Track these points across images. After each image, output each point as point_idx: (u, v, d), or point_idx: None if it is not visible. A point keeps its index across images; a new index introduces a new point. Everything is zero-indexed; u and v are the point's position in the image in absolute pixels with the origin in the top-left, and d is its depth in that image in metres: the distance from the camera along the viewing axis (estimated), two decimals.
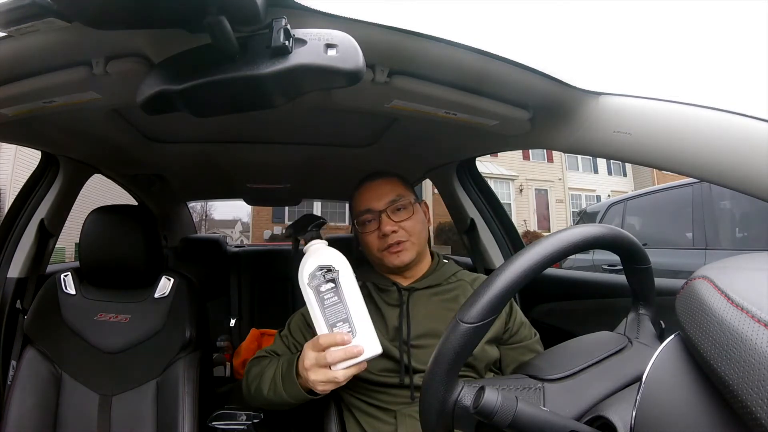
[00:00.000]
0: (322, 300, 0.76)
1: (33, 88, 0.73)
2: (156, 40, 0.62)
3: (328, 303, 0.76)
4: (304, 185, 2.03)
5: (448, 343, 0.46)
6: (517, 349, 0.94)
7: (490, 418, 0.43)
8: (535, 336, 0.97)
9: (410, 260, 0.95)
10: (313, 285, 0.76)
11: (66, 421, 1.07)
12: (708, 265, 0.43)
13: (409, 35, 0.65)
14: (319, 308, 0.76)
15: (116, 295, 1.18)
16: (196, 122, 1.05)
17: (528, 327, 0.98)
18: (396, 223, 0.94)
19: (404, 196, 0.96)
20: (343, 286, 0.77)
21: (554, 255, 0.48)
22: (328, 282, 0.76)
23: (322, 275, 0.76)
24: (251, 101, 0.56)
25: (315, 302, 0.76)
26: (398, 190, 0.97)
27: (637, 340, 0.57)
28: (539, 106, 0.89)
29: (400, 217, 0.94)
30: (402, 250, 0.94)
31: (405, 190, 0.99)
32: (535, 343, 0.96)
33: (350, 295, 0.77)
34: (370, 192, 0.97)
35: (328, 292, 0.76)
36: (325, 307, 0.76)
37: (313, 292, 0.76)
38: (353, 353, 0.74)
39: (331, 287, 0.76)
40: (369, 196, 0.97)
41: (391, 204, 0.95)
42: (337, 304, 0.76)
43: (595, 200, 14.10)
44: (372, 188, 0.98)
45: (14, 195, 1.35)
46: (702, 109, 0.68)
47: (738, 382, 0.31)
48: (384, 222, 0.94)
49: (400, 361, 0.88)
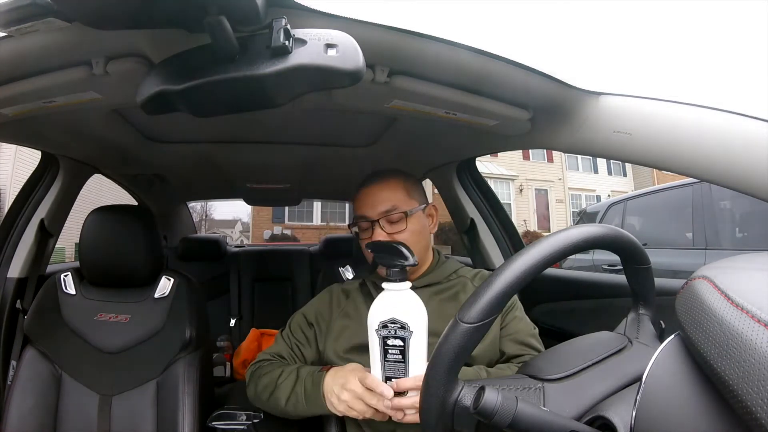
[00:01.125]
0: (386, 352, 0.74)
1: (33, 88, 0.73)
2: (156, 40, 0.62)
3: (390, 358, 0.74)
4: (304, 185, 2.04)
5: (448, 343, 0.46)
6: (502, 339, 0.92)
7: (490, 418, 0.43)
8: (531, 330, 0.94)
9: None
10: (381, 334, 0.73)
11: (66, 421, 1.07)
12: (708, 265, 0.43)
13: (409, 35, 0.65)
14: (380, 357, 0.74)
15: (116, 295, 1.18)
16: (196, 122, 1.05)
17: (521, 321, 0.94)
18: (389, 234, 0.91)
19: (399, 207, 0.92)
20: (411, 349, 0.73)
21: (554, 255, 0.48)
22: (397, 338, 0.73)
23: (394, 329, 0.73)
24: (251, 101, 0.56)
25: (378, 350, 0.74)
26: (395, 199, 0.93)
27: (637, 340, 0.57)
28: (539, 106, 0.89)
29: (394, 229, 0.91)
30: None
31: (404, 197, 0.94)
32: (528, 336, 0.92)
33: (414, 360, 0.74)
34: (367, 198, 0.94)
35: (394, 348, 0.73)
36: (387, 360, 0.74)
37: (379, 340, 0.74)
38: (390, 414, 0.74)
39: (399, 345, 0.73)
40: (365, 203, 0.94)
41: (384, 215, 0.92)
42: (399, 363, 0.74)
43: (595, 200, 14.09)
44: (369, 194, 0.95)
45: (14, 195, 1.36)
46: (702, 109, 0.68)
47: (738, 382, 0.31)
48: (377, 232, 0.91)
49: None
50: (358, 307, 0.97)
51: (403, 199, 0.94)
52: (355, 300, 0.98)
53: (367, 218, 0.93)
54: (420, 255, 0.94)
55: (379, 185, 0.95)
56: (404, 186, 0.95)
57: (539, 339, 0.94)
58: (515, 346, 0.90)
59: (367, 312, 0.95)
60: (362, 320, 0.94)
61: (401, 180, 0.96)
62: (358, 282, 1.02)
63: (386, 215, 0.92)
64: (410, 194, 0.95)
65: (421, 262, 0.98)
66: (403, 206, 0.93)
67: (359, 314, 0.95)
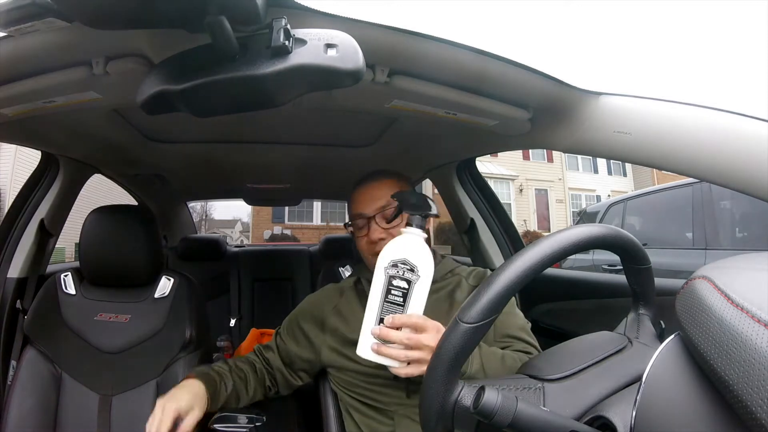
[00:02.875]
0: (388, 291, 0.73)
1: (33, 88, 0.73)
2: (156, 40, 0.62)
3: (391, 299, 0.73)
4: (304, 185, 2.04)
5: (448, 343, 0.46)
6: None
7: (490, 418, 0.43)
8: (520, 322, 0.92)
9: None
10: (389, 273, 0.73)
11: (66, 421, 1.07)
12: (708, 265, 0.43)
13: (409, 35, 0.65)
14: (381, 296, 0.73)
15: (116, 295, 1.18)
16: (196, 122, 1.05)
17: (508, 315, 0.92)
18: (385, 230, 0.92)
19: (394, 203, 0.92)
20: (413, 294, 0.73)
21: (554, 255, 0.47)
22: (403, 280, 0.73)
23: (403, 270, 0.72)
24: (251, 101, 0.56)
25: (381, 288, 0.73)
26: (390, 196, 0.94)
27: (637, 340, 0.57)
28: (539, 106, 0.89)
29: (390, 225, 0.92)
30: None
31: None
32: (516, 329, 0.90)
33: (413, 307, 0.74)
34: (362, 196, 0.96)
35: (397, 290, 0.73)
36: (386, 301, 0.73)
37: (385, 279, 0.73)
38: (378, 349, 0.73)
39: (403, 288, 0.73)
40: (361, 200, 0.96)
41: (380, 210, 0.93)
42: (398, 306, 0.73)
43: (595, 200, 14.10)
44: (364, 192, 0.96)
45: (14, 195, 1.35)
46: (702, 109, 0.68)
47: (738, 382, 0.31)
48: (373, 229, 0.92)
49: None
50: (351, 305, 0.97)
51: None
52: (349, 298, 0.99)
53: (364, 215, 0.94)
54: None
55: (374, 184, 0.97)
56: (398, 186, 0.97)
57: (530, 332, 0.92)
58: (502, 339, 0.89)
59: (361, 309, 0.95)
60: (356, 317, 0.94)
61: (395, 180, 0.98)
62: (353, 280, 1.03)
63: (382, 211, 0.93)
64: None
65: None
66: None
67: (353, 311, 0.96)
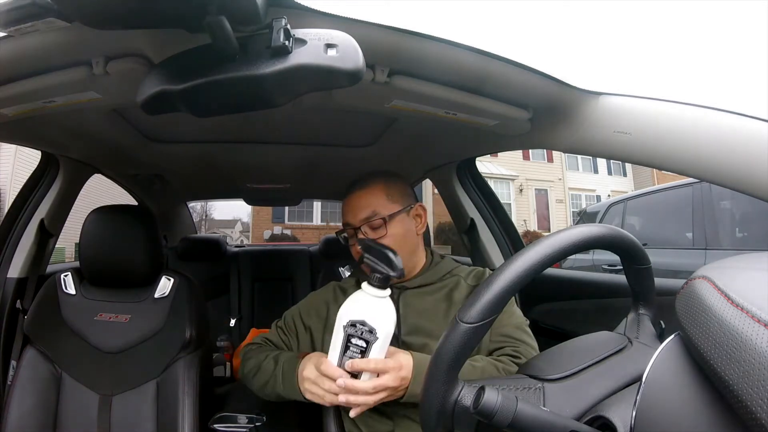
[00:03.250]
0: (346, 348, 0.76)
1: (33, 88, 0.73)
2: (156, 40, 0.62)
3: (350, 355, 0.76)
4: (304, 185, 2.04)
5: (448, 343, 0.46)
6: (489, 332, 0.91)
7: (490, 418, 0.43)
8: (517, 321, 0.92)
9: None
10: (347, 332, 0.76)
11: (66, 421, 1.07)
12: (708, 265, 0.43)
13: (409, 35, 0.65)
14: (340, 350, 0.76)
15: (116, 295, 1.18)
16: (196, 122, 1.05)
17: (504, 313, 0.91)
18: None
19: (379, 213, 0.92)
20: (371, 353, 0.76)
21: (554, 255, 0.47)
22: (361, 339, 0.75)
23: (361, 331, 0.75)
24: (251, 101, 0.56)
25: (339, 344, 0.76)
26: (375, 205, 0.93)
27: (637, 340, 0.57)
28: (539, 106, 0.89)
29: (376, 234, 0.92)
30: None
31: (385, 202, 0.94)
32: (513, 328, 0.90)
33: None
34: (348, 205, 0.96)
35: (355, 347, 0.76)
36: (345, 355, 0.76)
37: (343, 336, 0.76)
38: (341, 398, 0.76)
39: (361, 346, 0.75)
40: (347, 210, 0.96)
41: (365, 221, 0.92)
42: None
43: (595, 200, 14.10)
44: (351, 201, 0.96)
45: (14, 195, 1.35)
46: (702, 109, 0.68)
47: (738, 382, 0.31)
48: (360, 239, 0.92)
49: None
50: None
51: (384, 204, 0.93)
52: None
53: (351, 225, 0.95)
54: (405, 257, 0.93)
55: (359, 192, 0.95)
56: (385, 190, 0.95)
57: (528, 331, 0.92)
58: (497, 338, 0.89)
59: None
60: None
61: (381, 184, 0.96)
62: (354, 280, 1.03)
63: (368, 221, 0.92)
64: (391, 198, 0.95)
65: (409, 265, 0.96)
66: (384, 211, 0.93)
67: None
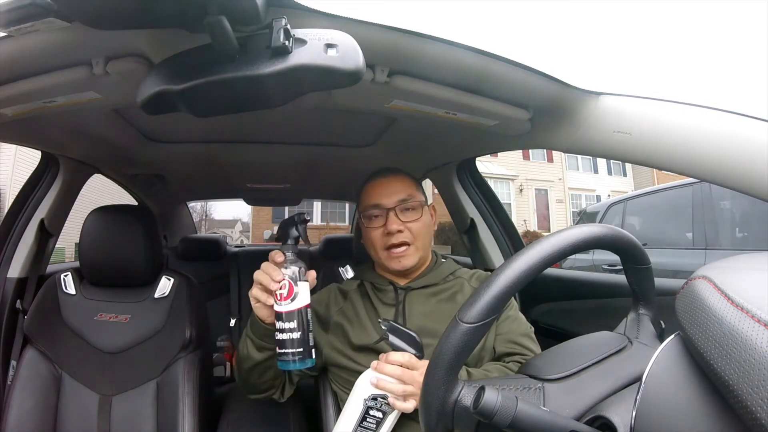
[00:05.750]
0: (363, 419, 0.79)
1: (33, 88, 0.73)
2: (156, 40, 0.62)
3: (365, 425, 0.79)
4: (304, 185, 2.04)
5: (448, 343, 0.46)
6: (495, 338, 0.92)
7: (490, 418, 0.43)
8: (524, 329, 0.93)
9: (412, 265, 0.94)
10: (368, 404, 0.78)
11: (66, 421, 1.07)
12: (708, 265, 0.43)
13: (409, 35, 0.65)
14: (357, 421, 0.79)
15: (116, 295, 1.18)
16: (196, 122, 1.05)
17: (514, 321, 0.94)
18: (403, 222, 0.93)
19: (414, 197, 0.95)
20: (387, 422, 0.78)
21: (554, 255, 0.47)
22: (380, 411, 0.78)
23: (381, 404, 0.78)
24: (251, 101, 0.56)
25: (357, 415, 0.79)
26: (409, 190, 0.96)
27: (637, 340, 0.57)
28: (539, 106, 0.89)
29: (408, 218, 0.93)
30: (404, 255, 0.93)
31: (416, 191, 0.97)
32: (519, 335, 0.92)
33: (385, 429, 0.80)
34: (381, 188, 0.96)
35: (372, 418, 0.79)
36: (361, 426, 0.79)
37: (363, 407, 0.79)
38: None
39: (378, 417, 0.78)
40: (379, 192, 0.96)
41: (401, 203, 0.93)
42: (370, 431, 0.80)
43: (595, 200, 14.10)
44: (383, 184, 0.96)
45: (14, 195, 1.35)
46: (702, 109, 0.68)
47: (738, 382, 0.31)
48: (391, 220, 0.92)
49: None
50: (356, 308, 0.97)
51: (416, 192, 0.97)
52: (354, 301, 0.99)
53: (383, 206, 0.94)
54: (425, 251, 0.97)
55: (393, 177, 0.98)
56: (414, 182, 0.99)
57: (534, 339, 0.94)
58: (506, 344, 0.91)
59: (365, 313, 0.95)
60: (361, 321, 0.94)
61: (410, 177, 1.00)
62: (356, 282, 1.03)
63: (403, 203, 0.94)
64: (419, 189, 0.99)
65: (424, 260, 0.99)
66: (419, 197, 0.96)
67: (357, 315, 0.96)
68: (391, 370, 0.77)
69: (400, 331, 0.81)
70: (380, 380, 0.77)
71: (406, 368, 0.77)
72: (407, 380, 0.76)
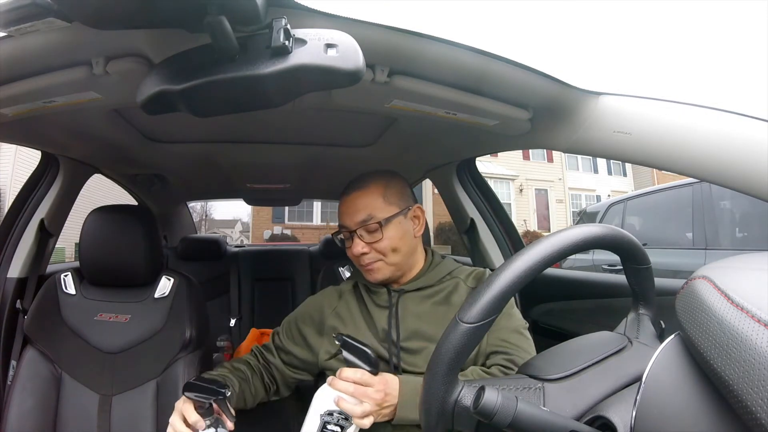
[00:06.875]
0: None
1: (33, 88, 0.73)
2: (156, 40, 0.62)
3: None
4: (304, 185, 2.04)
5: (448, 343, 0.46)
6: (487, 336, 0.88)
7: (490, 418, 0.43)
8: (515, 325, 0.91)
9: (384, 278, 0.93)
10: (323, 419, 0.77)
11: (66, 421, 1.07)
12: (708, 265, 0.43)
13: (409, 35, 0.65)
14: None
15: (116, 295, 1.18)
16: (196, 122, 1.05)
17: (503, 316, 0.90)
18: (367, 244, 0.90)
19: (375, 216, 0.90)
20: None
21: (554, 255, 0.47)
22: (337, 426, 0.77)
23: (338, 418, 0.77)
24: (251, 101, 0.56)
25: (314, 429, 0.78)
26: (371, 208, 0.91)
27: (637, 340, 0.57)
28: (539, 106, 0.89)
29: (372, 239, 0.90)
30: (375, 270, 0.92)
31: (382, 204, 0.91)
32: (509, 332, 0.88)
33: None
34: (345, 207, 0.94)
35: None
36: None
37: (319, 422, 0.78)
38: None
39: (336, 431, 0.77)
40: (344, 212, 0.94)
41: (361, 224, 0.90)
42: None
43: (595, 200, 14.10)
44: (346, 203, 0.94)
45: (14, 195, 1.35)
46: (702, 109, 0.68)
47: (738, 382, 0.31)
48: (355, 242, 0.91)
49: (389, 362, 0.88)
50: (350, 309, 0.97)
51: (380, 207, 0.91)
52: (348, 302, 0.98)
53: (347, 227, 0.93)
54: (403, 261, 0.93)
55: (355, 194, 0.93)
56: (382, 192, 0.93)
57: (525, 334, 0.91)
58: (494, 341, 0.88)
59: (360, 314, 0.95)
60: (355, 322, 0.94)
61: (380, 185, 0.94)
62: (351, 284, 1.02)
63: (363, 225, 0.91)
64: (388, 200, 0.93)
65: (406, 267, 0.96)
66: (380, 214, 0.91)
67: (352, 316, 0.96)
68: (344, 386, 0.76)
69: (352, 346, 0.79)
70: (337, 397, 0.77)
71: (360, 385, 0.76)
72: (360, 397, 0.76)
